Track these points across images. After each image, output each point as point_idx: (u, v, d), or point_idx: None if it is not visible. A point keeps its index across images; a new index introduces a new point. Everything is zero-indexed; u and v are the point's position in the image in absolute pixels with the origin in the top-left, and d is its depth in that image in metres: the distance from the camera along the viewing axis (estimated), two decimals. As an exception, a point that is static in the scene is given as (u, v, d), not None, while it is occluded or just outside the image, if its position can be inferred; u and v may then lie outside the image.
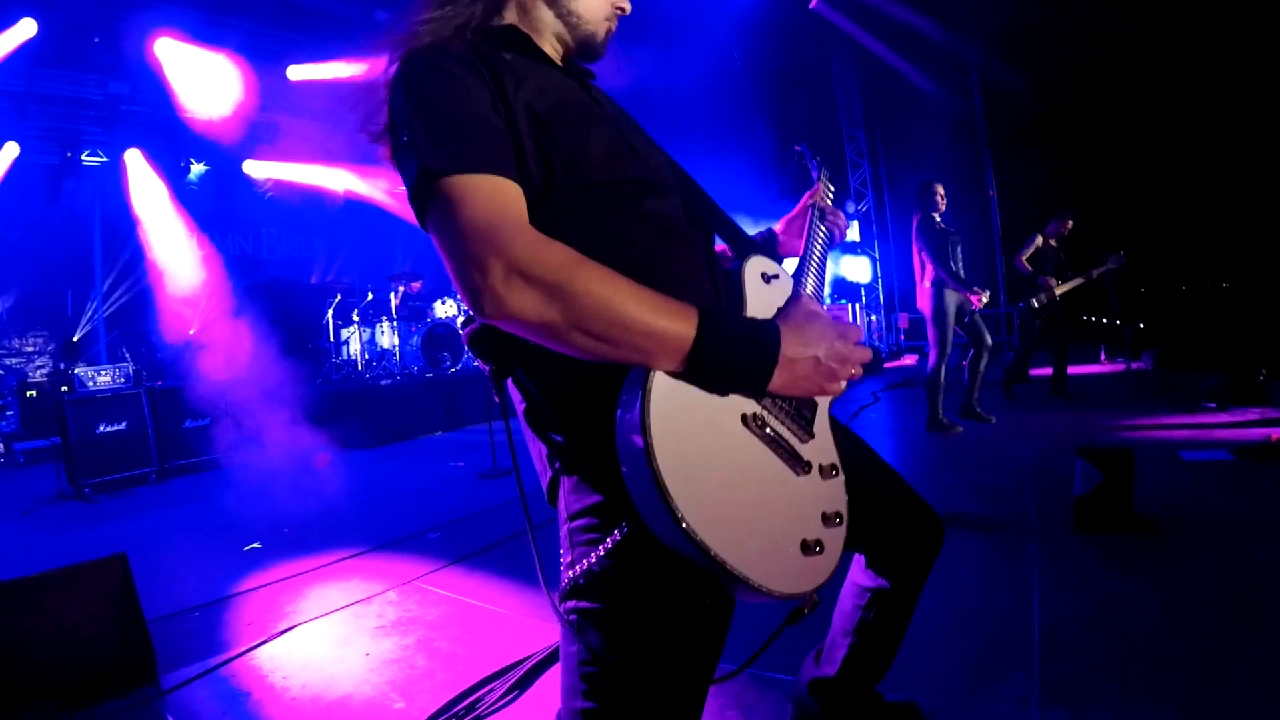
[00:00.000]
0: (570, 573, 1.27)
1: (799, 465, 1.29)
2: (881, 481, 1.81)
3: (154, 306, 11.56)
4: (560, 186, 1.28)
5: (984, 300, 6.80)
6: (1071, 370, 8.76)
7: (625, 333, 1.10)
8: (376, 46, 1.40)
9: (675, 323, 1.12)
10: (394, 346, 10.86)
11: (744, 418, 1.21)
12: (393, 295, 11.13)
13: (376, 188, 14.32)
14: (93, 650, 2.92)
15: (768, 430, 1.24)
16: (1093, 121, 12.71)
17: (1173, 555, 3.52)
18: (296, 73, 11.64)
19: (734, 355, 1.17)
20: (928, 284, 6.89)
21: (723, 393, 1.19)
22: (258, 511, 5.72)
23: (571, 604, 1.27)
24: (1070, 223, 8.56)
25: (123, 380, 7.89)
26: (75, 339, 11.10)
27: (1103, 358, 12.04)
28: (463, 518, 5.28)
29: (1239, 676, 2.45)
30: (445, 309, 11.37)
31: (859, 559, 1.95)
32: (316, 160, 13.25)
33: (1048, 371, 8.92)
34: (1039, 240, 8.51)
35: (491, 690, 2.71)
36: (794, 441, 1.30)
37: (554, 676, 2.83)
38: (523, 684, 2.76)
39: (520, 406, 1.38)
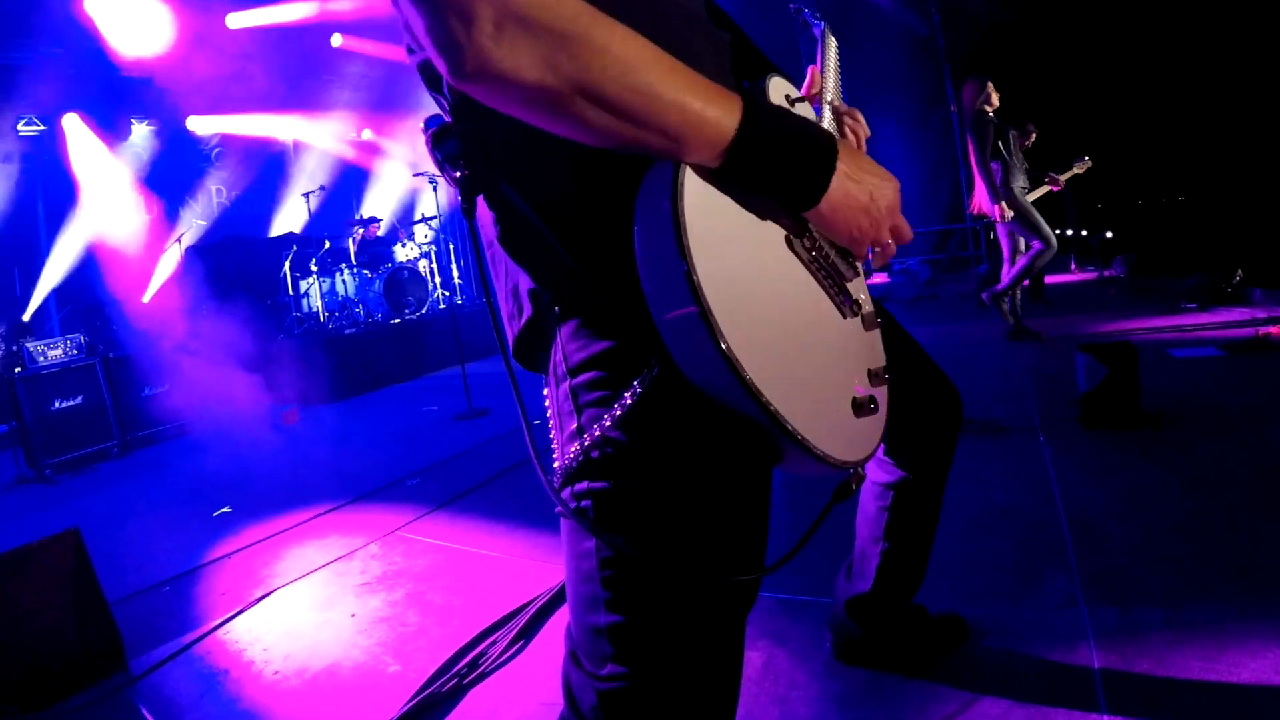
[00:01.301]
0: (576, 445, 0.99)
1: (848, 304, 1.05)
2: (902, 346, 1.58)
3: (105, 276, 11.00)
4: None
5: (1006, 217, 6.31)
6: (1046, 280, 8.70)
7: (652, 106, 0.83)
8: None
9: (715, 105, 0.86)
10: (355, 294, 10.52)
11: (788, 238, 0.97)
12: (350, 242, 10.76)
13: (325, 133, 13.88)
14: (53, 640, 2.64)
15: (813, 254, 1.00)
16: (1050, 39, 12.50)
17: (1185, 445, 3.46)
18: (236, 20, 11.18)
19: (785, 154, 0.90)
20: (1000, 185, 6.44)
21: (761, 207, 0.94)
22: (226, 475, 5.48)
23: (583, 486, 0.99)
24: (1034, 133, 8.39)
25: (75, 352, 7.48)
26: (25, 318, 10.60)
27: (1073, 267, 12.05)
28: (442, 461, 5.05)
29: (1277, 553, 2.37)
30: (405, 252, 11.05)
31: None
32: (262, 110, 12.74)
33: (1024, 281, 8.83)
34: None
35: (494, 643, 2.48)
36: (843, 274, 1.06)
37: (563, 618, 2.62)
38: (528, 632, 2.55)
39: (492, 232, 1.07)
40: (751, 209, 0.92)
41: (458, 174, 1.04)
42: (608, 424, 0.94)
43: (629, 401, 0.93)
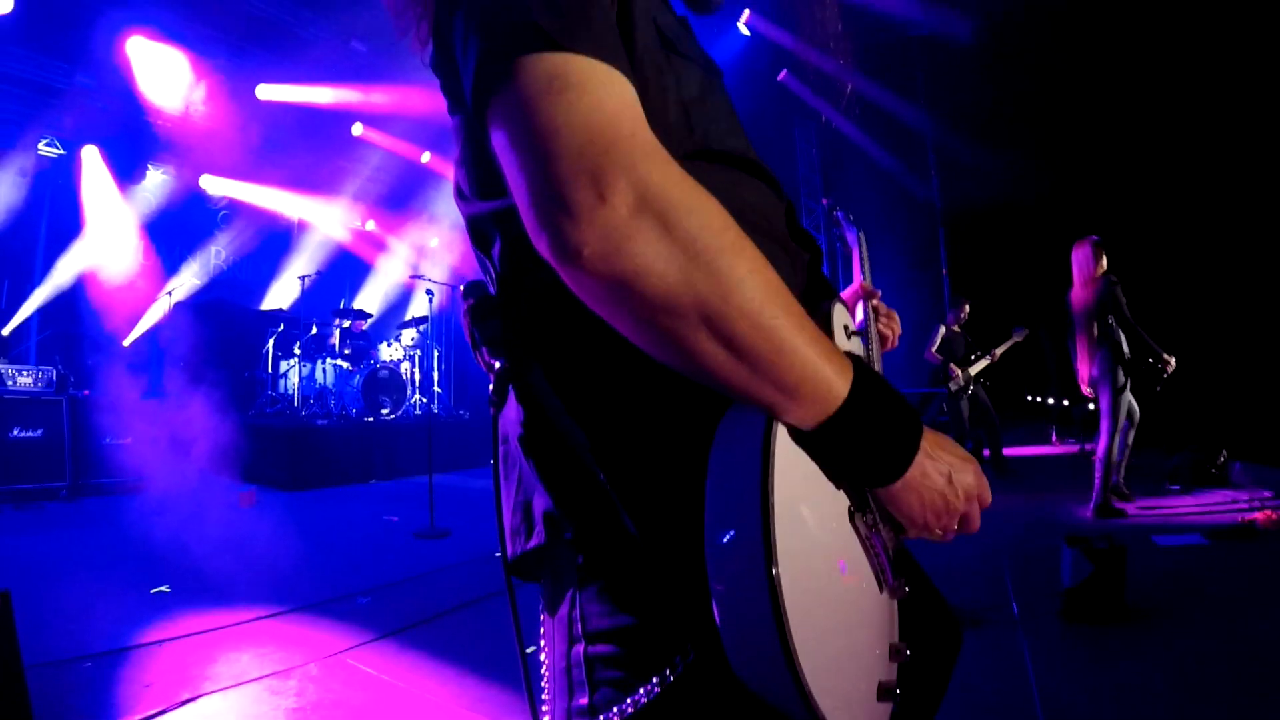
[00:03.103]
0: None
1: (889, 579, 0.95)
2: (905, 569, 1.48)
3: (91, 311, 10.98)
4: (674, 141, 0.86)
5: (1171, 367, 6.16)
6: (1025, 451, 9.01)
7: (777, 356, 0.73)
8: None
9: (832, 368, 0.77)
10: (333, 385, 10.37)
11: (850, 510, 0.87)
12: (336, 331, 10.66)
13: (331, 218, 14.04)
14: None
15: (871, 530, 0.90)
16: (1044, 206, 12.92)
17: (1169, 642, 3.42)
18: (265, 92, 11.45)
19: (880, 429, 0.80)
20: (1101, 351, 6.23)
21: (835, 475, 0.84)
22: (172, 548, 5.26)
23: None
24: (967, 308, 9.14)
25: (45, 384, 7.42)
26: (5, 332, 10.48)
27: (1054, 439, 12.11)
28: (396, 582, 4.80)
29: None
30: (390, 352, 10.94)
31: None
32: (275, 184, 12.93)
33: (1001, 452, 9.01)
34: (942, 330, 9.03)
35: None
36: (891, 545, 0.96)
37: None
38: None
39: (515, 431, 0.93)
40: (829, 470, 0.83)
41: (496, 363, 0.92)
42: (628, 711, 0.82)
43: (655, 691, 0.80)
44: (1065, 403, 12.62)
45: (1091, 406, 8.03)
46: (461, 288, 0.98)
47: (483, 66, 0.78)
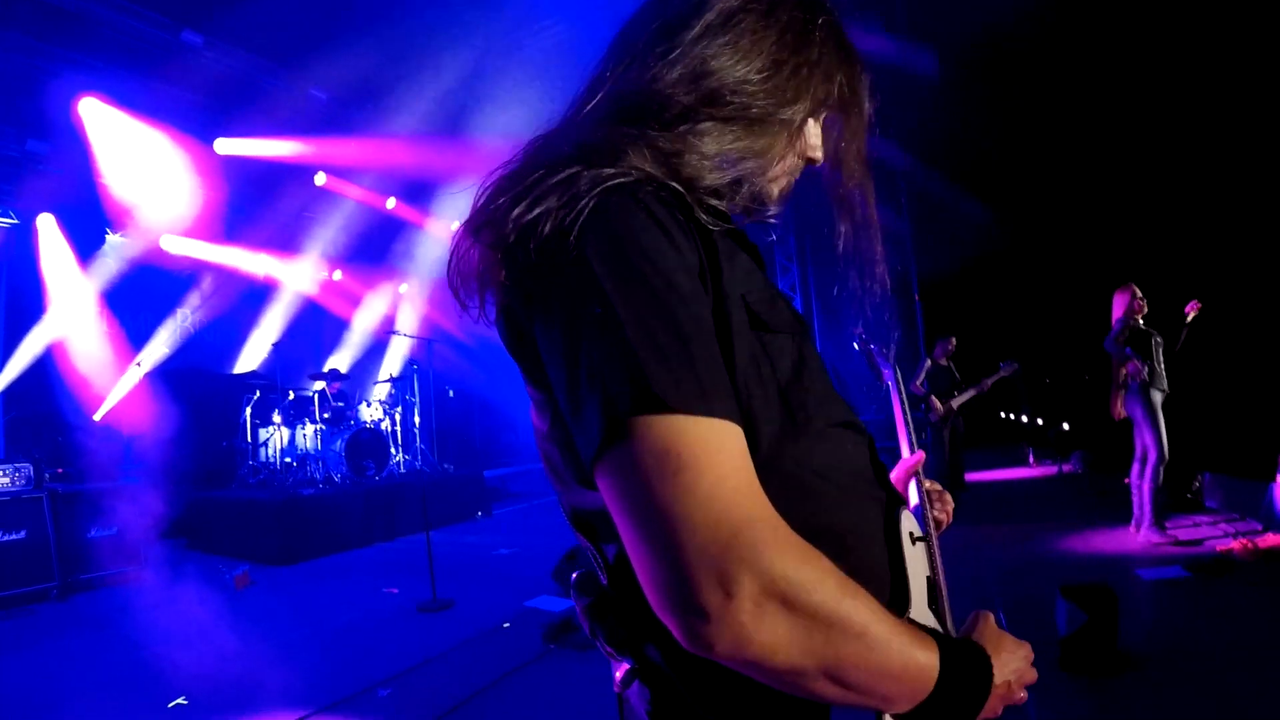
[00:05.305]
0: None
1: None
2: None
3: (60, 387, 10.65)
4: (780, 435, 0.92)
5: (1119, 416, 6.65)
6: (1004, 475, 9.85)
7: (883, 682, 0.81)
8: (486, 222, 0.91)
9: (924, 661, 0.84)
10: (315, 451, 10.14)
11: None
12: (314, 395, 10.44)
13: (299, 274, 13.67)
14: None
15: None
16: (1020, 240, 13.23)
17: (1163, 693, 3.58)
18: (224, 146, 11.10)
19: (962, 695, 0.89)
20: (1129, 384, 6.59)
21: None
22: (176, 648, 5.11)
23: None
24: (954, 342, 9.48)
25: (23, 482, 7.13)
26: (-30, 415, 10.22)
27: (1031, 460, 12.25)
28: (412, 667, 4.71)
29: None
30: (370, 412, 10.84)
31: None
32: (239, 241, 12.59)
33: (982, 476, 9.29)
34: (929, 363, 9.40)
35: None
36: None
37: None
38: None
39: (642, 706, 0.98)
40: None
41: (625, 666, 0.97)
42: None
43: None
44: (1039, 422, 12.81)
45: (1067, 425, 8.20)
46: (574, 579, 1.02)
47: (601, 419, 0.78)
